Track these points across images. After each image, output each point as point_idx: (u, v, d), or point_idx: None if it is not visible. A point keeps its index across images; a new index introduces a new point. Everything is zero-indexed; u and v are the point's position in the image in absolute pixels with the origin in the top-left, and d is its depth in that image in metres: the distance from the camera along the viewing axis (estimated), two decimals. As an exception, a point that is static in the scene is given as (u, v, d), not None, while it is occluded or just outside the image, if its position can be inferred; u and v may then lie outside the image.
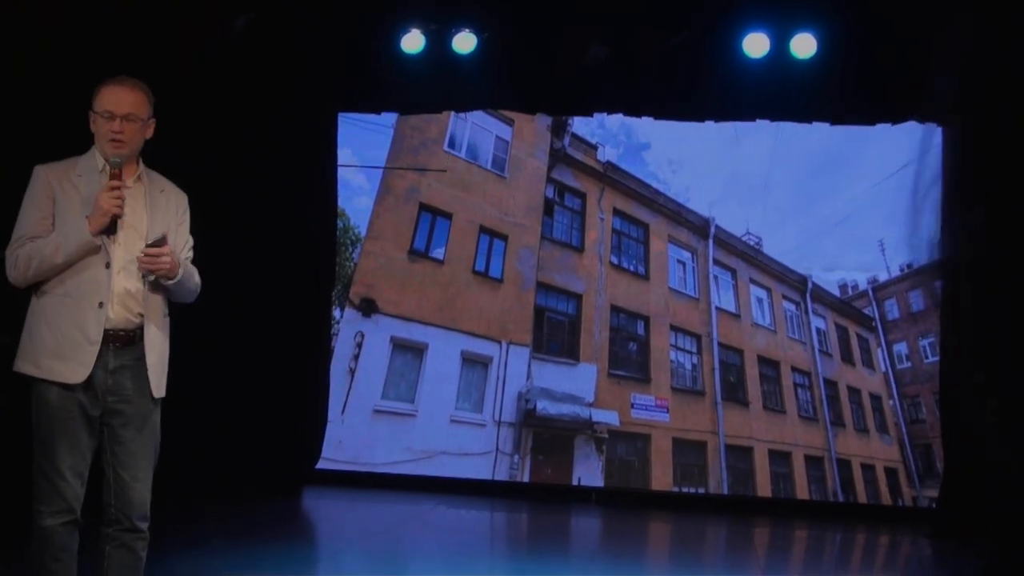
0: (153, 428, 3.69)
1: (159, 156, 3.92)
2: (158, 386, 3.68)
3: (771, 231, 10.06)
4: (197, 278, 3.80)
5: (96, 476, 3.61)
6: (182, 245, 3.83)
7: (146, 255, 3.55)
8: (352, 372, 9.67)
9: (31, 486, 3.53)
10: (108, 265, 3.56)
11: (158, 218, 3.72)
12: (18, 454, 5.62)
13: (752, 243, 10.38)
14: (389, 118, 9.92)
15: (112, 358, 3.56)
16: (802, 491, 9.76)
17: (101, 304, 3.53)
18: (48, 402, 3.50)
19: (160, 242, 3.56)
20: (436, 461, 9.43)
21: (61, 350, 3.50)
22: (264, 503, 7.97)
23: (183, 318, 3.82)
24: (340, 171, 9.28)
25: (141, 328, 3.63)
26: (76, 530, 3.55)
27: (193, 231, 3.90)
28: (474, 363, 9.89)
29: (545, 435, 9.59)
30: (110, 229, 3.55)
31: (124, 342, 3.59)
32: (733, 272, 10.78)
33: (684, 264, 10.75)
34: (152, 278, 3.62)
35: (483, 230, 10.30)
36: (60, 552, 3.50)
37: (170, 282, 3.64)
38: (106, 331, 3.54)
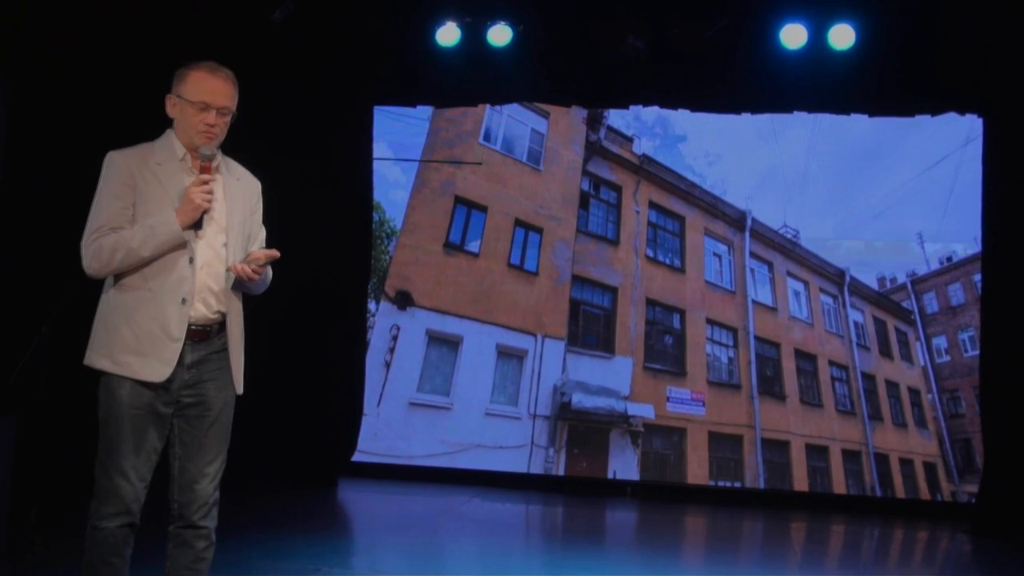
0: (226, 425, 3.63)
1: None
2: (238, 379, 3.63)
3: (808, 224, 9.97)
4: (270, 272, 3.71)
5: (162, 476, 3.54)
6: (256, 235, 3.79)
7: (253, 268, 3.49)
8: (388, 365, 9.69)
9: (91, 483, 3.45)
10: (192, 260, 3.48)
11: (236, 208, 3.65)
12: (66, 448, 5.67)
13: (789, 236, 10.27)
14: (424, 111, 9.92)
15: (189, 353, 3.49)
16: (839, 486, 9.67)
17: (184, 300, 3.45)
18: (118, 398, 3.41)
19: (271, 257, 3.52)
20: (471, 454, 9.44)
21: (141, 346, 3.40)
22: (300, 495, 8.01)
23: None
24: (376, 164, 9.32)
25: (218, 323, 3.57)
26: (132, 534, 3.47)
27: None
28: (509, 356, 9.86)
29: (580, 428, 9.55)
30: (197, 224, 3.46)
31: (201, 337, 3.52)
32: (770, 265, 10.66)
33: (720, 257, 10.66)
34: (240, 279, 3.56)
35: (518, 223, 10.26)
36: (112, 556, 3.41)
37: (257, 283, 3.62)
38: (187, 327, 3.48)
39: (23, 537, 5.08)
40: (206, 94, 3.50)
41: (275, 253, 3.58)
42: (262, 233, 3.83)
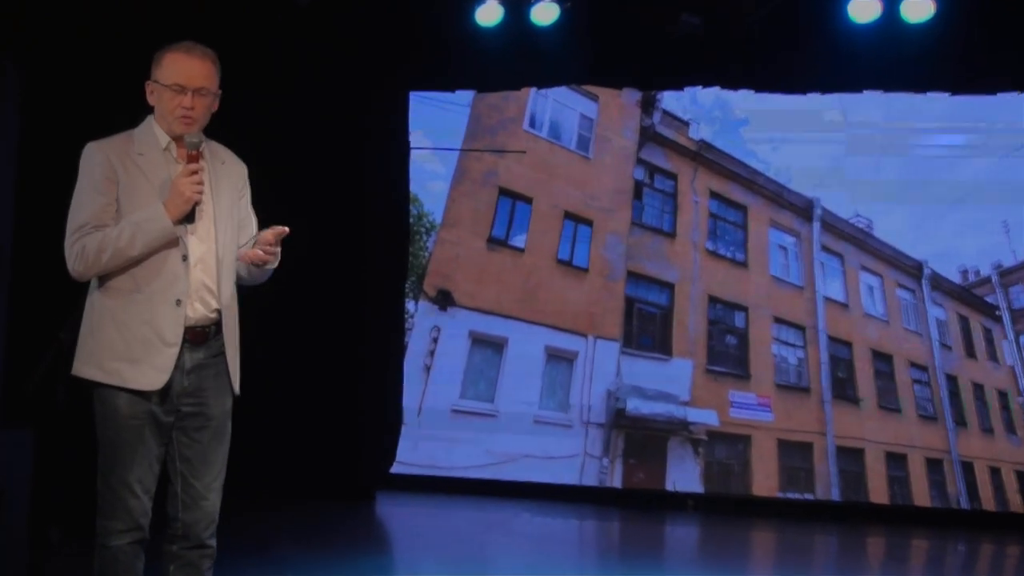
0: (226, 434, 3.60)
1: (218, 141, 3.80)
2: (236, 382, 3.58)
3: (882, 212, 9.87)
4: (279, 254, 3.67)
5: (159, 487, 3.53)
6: (247, 222, 3.73)
7: (267, 251, 3.47)
8: (428, 370, 9.70)
9: (96, 499, 3.43)
10: (185, 258, 3.43)
11: (223, 196, 3.60)
12: (84, 462, 5.73)
13: (862, 226, 10.15)
14: (464, 97, 9.89)
15: (188, 358, 3.45)
16: (921, 497, 9.53)
17: (179, 302, 3.41)
18: (116, 409, 3.37)
19: (281, 234, 3.47)
20: (519, 465, 9.43)
21: (132, 352, 3.36)
22: (335, 509, 8.04)
23: (244, 313, 3.73)
24: (413, 154, 9.30)
25: (215, 323, 3.52)
26: (143, 549, 3.46)
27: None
28: (559, 359, 9.81)
29: (637, 436, 9.51)
30: (189, 217, 3.42)
31: (199, 339, 3.47)
32: (841, 258, 10.54)
33: (787, 250, 10.55)
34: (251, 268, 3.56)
35: (567, 215, 10.20)
36: (125, 573, 3.40)
37: (266, 268, 3.59)
38: (183, 330, 3.43)
39: (43, 558, 5.15)
40: (180, 75, 3.44)
41: (284, 230, 3.51)
42: (253, 220, 3.78)
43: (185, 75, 3.44)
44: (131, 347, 3.37)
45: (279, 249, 3.56)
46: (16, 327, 6.98)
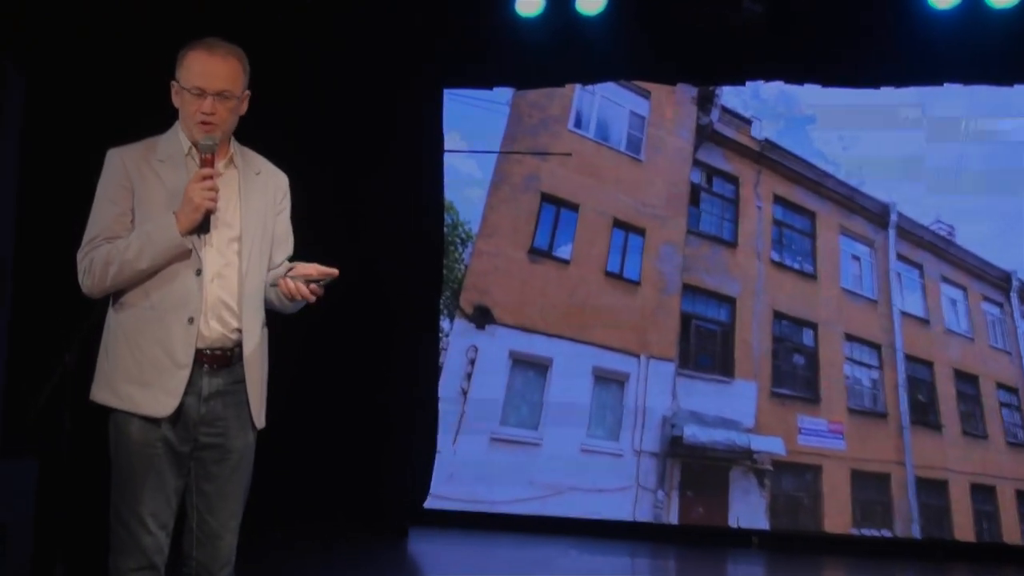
0: (248, 470, 3.60)
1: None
2: (259, 414, 3.59)
3: (966, 218, 9.74)
4: None
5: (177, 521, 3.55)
6: (283, 239, 3.74)
7: (312, 290, 3.47)
8: (464, 393, 9.61)
9: (107, 535, 3.45)
10: (199, 272, 3.42)
11: (253, 207, 3.58)
12: (93, 494, 5.65)
13: (943, 233, 10.02)
14: (504, 94, 9.84)
15: (206, 383, 3.44)
16: (1011, 534, 9.28)
17: (191, 319, 3.39)
18: (128, 436, 3.38)
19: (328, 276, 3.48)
20: (565, 498, 9.31)
21: (144, 375, 3.37)
22: (364, 545, 8.10)
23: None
24: (447, 157, 9.30)
25: (239, 345, 3.50)
26: None
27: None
28: (608, 381, 9.72)
29: (695, 467, 9.43)
30: (202, 227, 3.40)
31: (220, 363, 3.46)
32: (920, 268, 10.43)
33: (860, 260, 10.44)
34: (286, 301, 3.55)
35: (617, 223, 10.12)
36: None
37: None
38: (198, 351, 3.41)
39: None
40: (200, 78, 3.41)
41: (333, 272, 3.50)
42: (290, 238, 3.80)
43: (205, 77, 3.42)
44: (143, 369, 3.38)
45: (322, 291, 3.54)
46: (18, 346, 7.06)
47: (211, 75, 3.41)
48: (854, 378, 9.97)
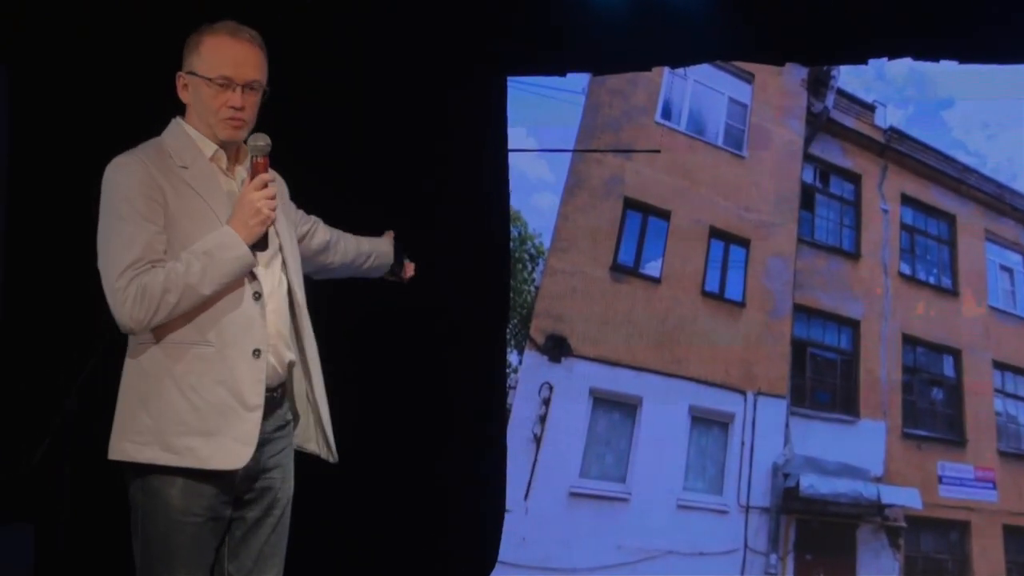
0: (287, 528, 3.60)
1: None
2: (332, 447, 3.67)
3: None
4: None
5: None
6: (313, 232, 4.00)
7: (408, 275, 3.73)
8: (537, 440, 9.57)
9: None
10: (257, 296, 3.39)
11: (281, 215, 3.55)
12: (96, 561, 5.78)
13: (1112, 239, 9.86)
14: (578, 81, 9.75)
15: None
16: None
17: (257, 352, 3.35)
18: (167, 502, 3.28)
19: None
20: (659, 563, 9.18)
21: (207, 423, 3.28)
22: None
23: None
24: (512, 158, 9.07)
25: (284, 383, 3.52)
26: None
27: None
28: (708, 423, 9.70)
29: (814, 524, 9.38)
30: (260, 244, 3.34)
31: (270, 406, 3.43)
32: (1083, 283, 10.29)
33: (1011, 272, 10.35)
34: None
35: (714, 233, 10.06)
36: None
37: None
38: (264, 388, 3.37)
39: None
40: (227, 66, 3.37)
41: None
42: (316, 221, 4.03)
43: (233, 65, 3.38)
44: (205, 416, 3.28)
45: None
46: (8, 390, 6.95)
47: (240, 63, 3.38)
48: (1007, 415, 9.91)
